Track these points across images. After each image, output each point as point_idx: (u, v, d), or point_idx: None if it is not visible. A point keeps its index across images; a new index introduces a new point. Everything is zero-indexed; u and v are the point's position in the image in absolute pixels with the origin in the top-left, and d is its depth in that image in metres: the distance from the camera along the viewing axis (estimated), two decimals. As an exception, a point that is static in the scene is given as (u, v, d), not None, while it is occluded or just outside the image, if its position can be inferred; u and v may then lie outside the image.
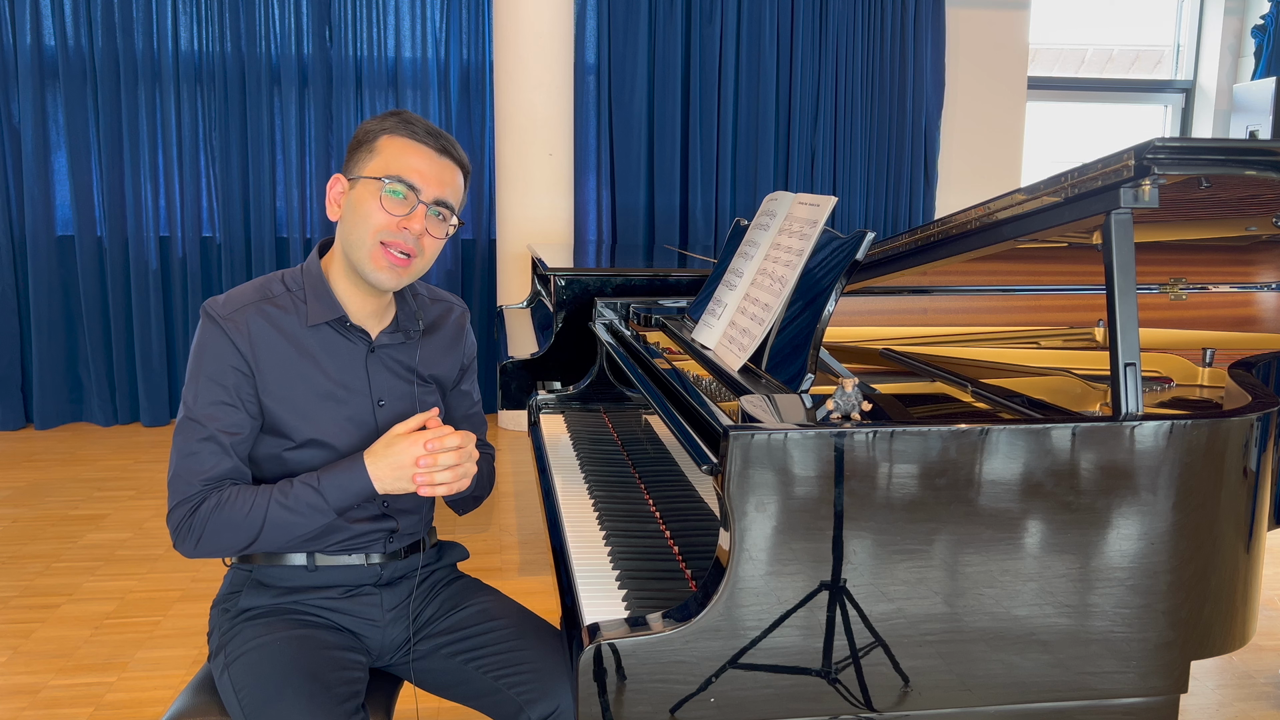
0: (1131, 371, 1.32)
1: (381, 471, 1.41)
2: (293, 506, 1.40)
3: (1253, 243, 2.15)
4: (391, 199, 1.43)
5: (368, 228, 1.44)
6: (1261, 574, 1.38)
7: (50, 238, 4.80)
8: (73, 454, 4.51)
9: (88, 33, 4.69)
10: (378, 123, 1.47)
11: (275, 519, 1.40)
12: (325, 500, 1.41)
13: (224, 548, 1.42)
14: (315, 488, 1.41)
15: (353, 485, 1.41)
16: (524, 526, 3.60)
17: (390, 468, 1.41)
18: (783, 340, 1.60)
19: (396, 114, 1.48)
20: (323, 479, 1.42)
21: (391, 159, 1.44)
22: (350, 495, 1.42)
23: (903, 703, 1.26)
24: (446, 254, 5.17)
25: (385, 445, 1.43)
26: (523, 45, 4.61)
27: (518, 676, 1.48)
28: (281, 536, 1.42)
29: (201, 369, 1.44)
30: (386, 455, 1.41)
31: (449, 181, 1.48)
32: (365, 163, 1.46)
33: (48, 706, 2.38)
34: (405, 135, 1.45)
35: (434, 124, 1.52)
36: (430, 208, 1.45)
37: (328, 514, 1.42)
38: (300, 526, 1.42)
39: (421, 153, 1.45)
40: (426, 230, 1.46)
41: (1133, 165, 1.27)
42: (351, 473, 1.42)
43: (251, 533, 1.40)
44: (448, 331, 1.65)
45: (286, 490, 1.41)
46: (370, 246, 1.44)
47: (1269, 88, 5.52)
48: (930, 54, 5.44)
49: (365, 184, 1.45)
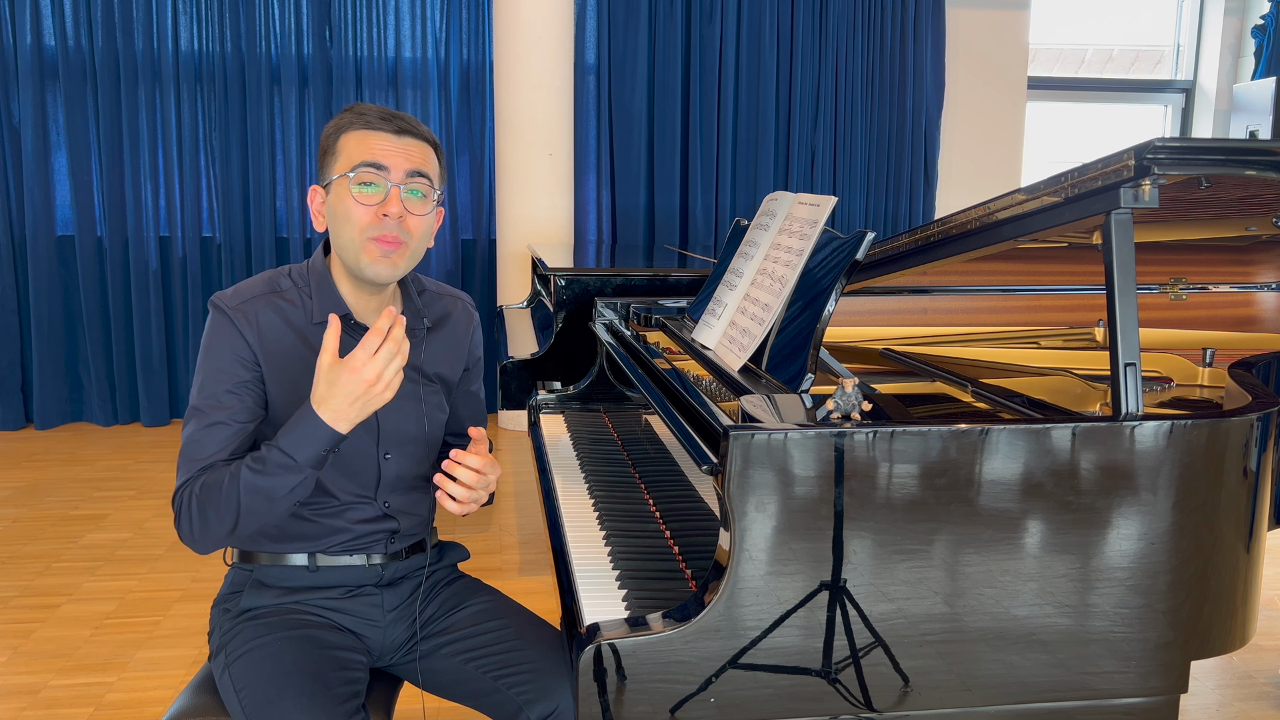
0: (1131, 371, 1.32)
1: (337, 410, 1.32)
2: (262, 470, 1.34)
3: (1253, 243, 2.15)
4: (363, 191, 1.42)
5: (351, 228, 1.43)
6: (1261, 574, 1.39)
7: (50, 238, 4.80)
8: (73, 454, 4.51)
9: (88, 33, 4.69)
10: (333, 125, 1.46)
11: (249, 484, 1.34)
12: (289, 456, 1.34)
13: (217, 529, 1.37)
14: (277, 446, 1.34)
15: (311, 433, 1.33)
16: (524, 526, 3.60)
17: (344, 402, 1.32)
18: (783, 340, 1.60)
19: (349, 109, 1.47)
20: (280, 437, 1.35)
21: (353, 152, 1.43)
22: (313, 443, 1.34)
23: (903, 703, 1.26)
24: (447, 254, 5.18)
25: (327, 385, 1.33)
26: (523, 45, 4.61)
27: (518, 676, 1.48)
28: (264, 505, 1.35)
29: (209, 359, 1.44)
30: (332, 394, 1.32)
31: (415, 155, 1.45)
32: (332, 166, 1.45)
33: (48, 706, 2.38)
34: (360, 127, 1.44)
35: (398, 110, 1.49)
36: (404, 187, 1.43)
37: (299, 470, 1.34)
38: (277, 488, 1.34)
39: (379, 137, 1.44)
40: (407, 210, 1.43)
41: (1133, 165, 1.27)
42: (305, 423, 1.34)
43: (232, 505, 1.35)
44: (454, 328, 1.64)
45: (256, 456, 1.36)
46: (360, 245, 1.43)
47: (1269, 88, 5.52)
48: (930, 54, 5.44)
49: (337, 186, 1.44)
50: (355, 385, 1.31)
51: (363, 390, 1.31)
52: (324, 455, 1.36)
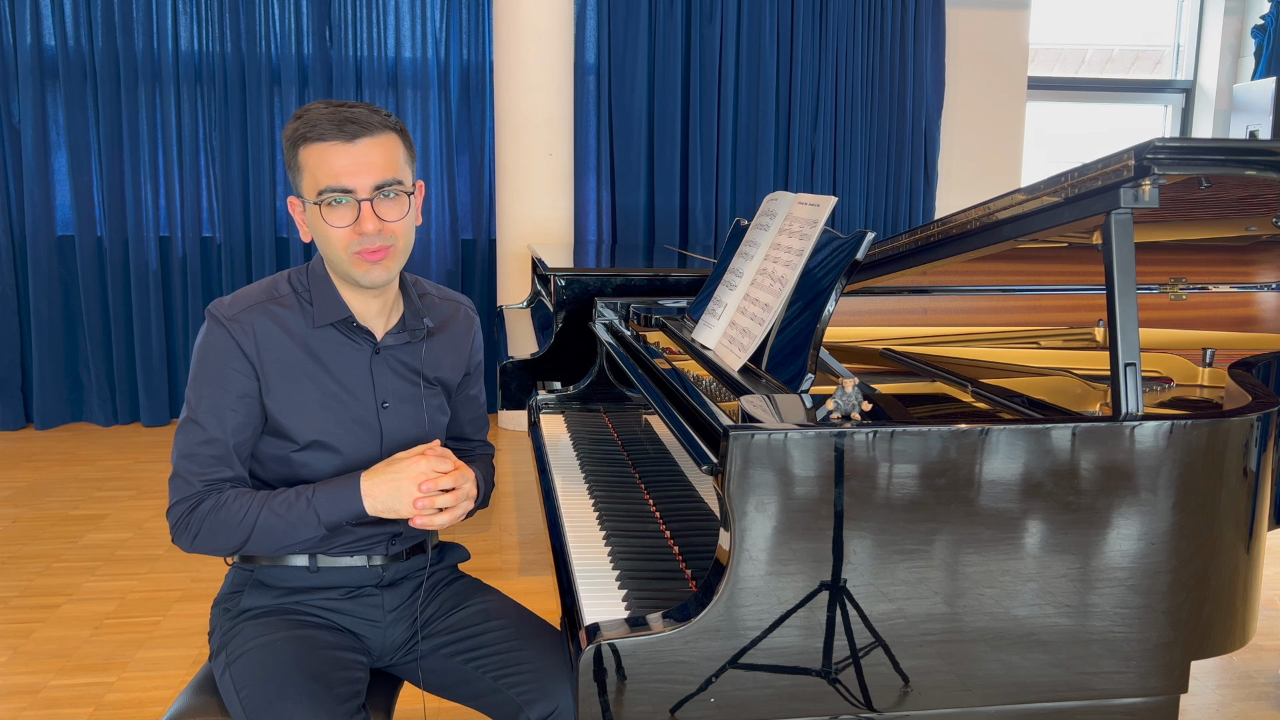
0: (1131, 371, 1.32)
1: (377, 490, 1.40)
2: (284, 516, 1.41)
3: (1253, 243, 2.15)
4: (334, 211, 1.40)
5: (334, 247, 1.43)
6: (1261, 574, 1.39)
7: (50, 238, 4.80)
8: (73, 454, 4.51)
9: (88, 33, 4.69)
10: (288, 133, 1.42)
11: (265, 526, 1.41)
12: (317, 515, 1.41)
13: (218, 547, 1.44)
14: (309, 500, 1.41)
15: (345, 503, 1.41)
16: (524, 526, 3.60)
17: (387, 487, 1.40)
18: (783, 340, 1.60)
19: (299, 115, 1.42)
20: (317, 492, 1.42)
21: (315, 172, 1.40)
22: (341, 512, 1.41)
23: (903, 703, 1.26)
24: (447, 254, 5.18)
25: (386, 465, 1.42)
26: (523, 45, 4.61)
27: (518, 676, 1.48)
28: (271, 543, 1.42)
29: (205, 371, 1.44)
30: (385, 474, 1.41)
31: (377, 162, 1.40)
32: (298, 182, 1.44)
33: (48, 706, 2.38)
34: (314, 141, 1.39)
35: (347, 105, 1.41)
36: (374, 200, 1.41)
37: (317, 529, 1.41)
38: (289, 536, 1.42)
39: (335, 151, 1.39)
40: (383, 219, 1.42)
41: (1133, 165, 1.27)
42: (346, 489, 1.41)
43: (242, 536, 1.41)
44: (455, 331, 1.64)
45: (281, 499, 1.42)
46: (347, 260, 1.43)
47: (1269, 88, 5.52)
48: (930, 54, 5.44)
49: (310, 207, 1.43)
50: (403, 475, 1.39)
51: (407, 483, 1.39)
52: (344, 523, 1.44)
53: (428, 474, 1.39)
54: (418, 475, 1.39)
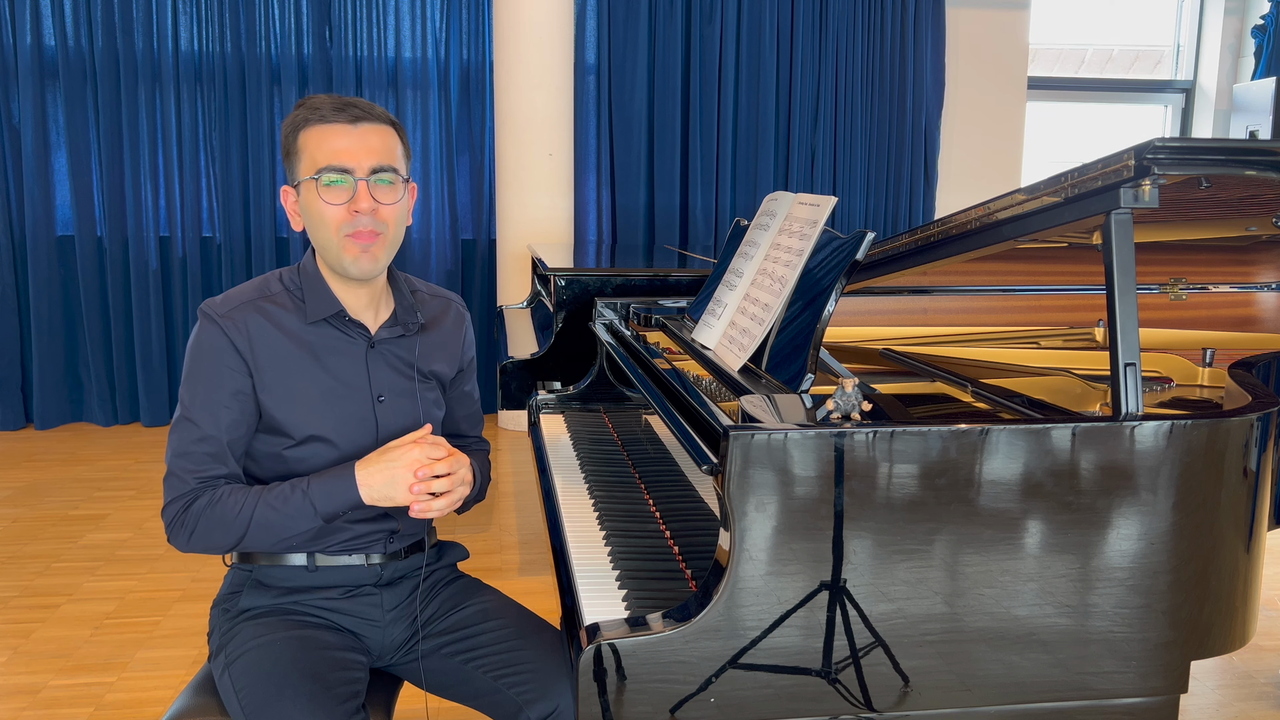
0: (1131, 371, 1.32)
1: (372, 479, 1.40)
2: (280, 508, 1.41)
3: (1253, 243, 2.15)
4: (330, 190, 1.42)
5: (326, 228, 1.44)
6: (1261, 574, 1.39)
7: (50, 238, 4.80)
8: (73, 454, 4.51)
9: (88, 33, 4.69)
10: (290, 122, 1.46)
11: (261, 519, 1.41)
12: (313, 506, 1.41)
13: (215, 545, 1.43)
14: (304, 491, 1.41)
15: (341, 493, 1.41)
16: (524, 526, 3.60)
17: (382, 475, 1.40)
18: (783, 340, 1.60)
19: (302, 104, 1.47)
20: (312, 484, 1.42)
21: (314, 152, 1.43)
22: (337, 503, 1.41)
23: (903, 703, 1.26)
24: (447, 254, 5.18)
25: (379, 454, 1.42)
26: (523, 45, 4.61)
27: (517, 676, 1.48)
28: (268, 537, 1.42)
29: (198, 369, 1.45)
30: (379, 462, 1.41)
31: (376, 146, 1.44)
32: (297, 166, 1.46)
33: (48, 706, 2.38)
34: (316, 123, 1.44)
35: (350, 97, 1.48)
36: (370, 181, 1.43)
37: (314, 519, 1.41)
38: (286, 529, 1.42)
39: (336, 132, 1.43)
40: (378, 201, 1.44)
41: (1133, 165, 1.27)
42: (341, 479, 1.41)
43: (238, 532, 1.41)
44: (446, 328, 1.65)
45: (276, 492, 1.42)
46: (337, 244, 1.44)
47: (1269, 88, 5.52)
48: (930, 54, 5.44)
49: (305, 187, 1.44)
50: (398, 463, 1.39)
51: (402, 470, 1.39)
52: (341, 514, 1.43)
53: (422, 460, 1.40)
54: (412, 462, 1.39)
